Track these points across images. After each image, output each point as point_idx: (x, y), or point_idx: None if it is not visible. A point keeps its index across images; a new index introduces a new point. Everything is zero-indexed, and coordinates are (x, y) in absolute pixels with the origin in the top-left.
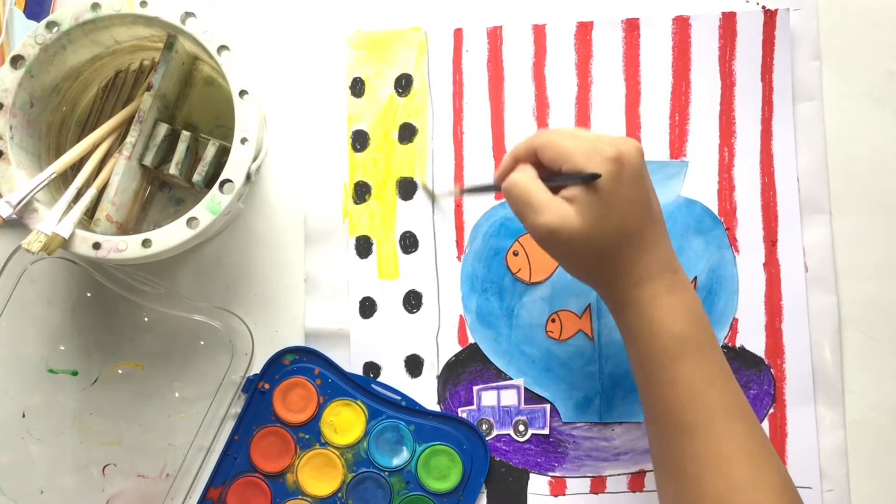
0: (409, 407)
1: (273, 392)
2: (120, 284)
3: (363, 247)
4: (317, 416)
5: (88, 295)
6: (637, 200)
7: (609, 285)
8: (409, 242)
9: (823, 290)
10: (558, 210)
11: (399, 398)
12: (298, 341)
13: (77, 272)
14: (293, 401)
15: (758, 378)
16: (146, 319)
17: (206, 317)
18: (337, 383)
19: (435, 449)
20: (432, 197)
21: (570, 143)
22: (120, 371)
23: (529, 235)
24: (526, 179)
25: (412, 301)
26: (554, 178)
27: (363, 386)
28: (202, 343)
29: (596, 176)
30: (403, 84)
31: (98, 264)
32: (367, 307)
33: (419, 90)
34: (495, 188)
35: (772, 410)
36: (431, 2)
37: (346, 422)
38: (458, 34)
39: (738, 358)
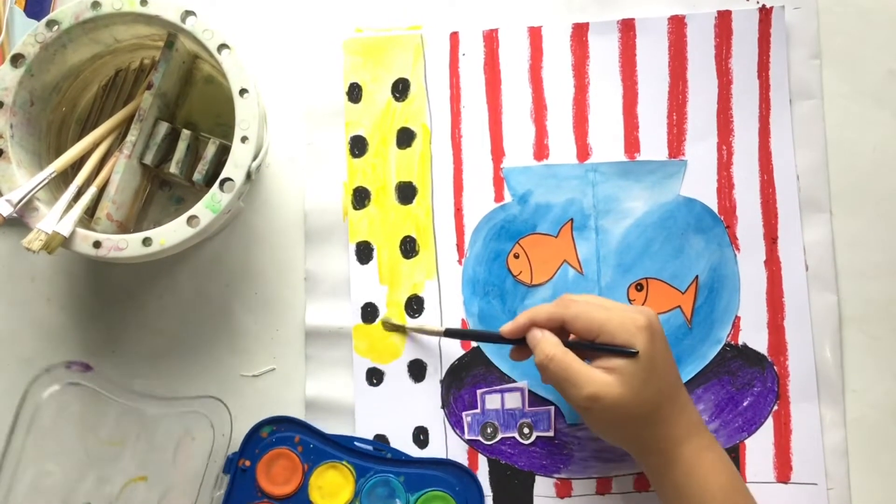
0: (396, 458)
1: (255, 468)
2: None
3: (363, 252)
4: (304, 485)
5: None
6: (669, 363)
7: (651, 447)
8: (409, 247)
9: (824, 290)
10: (601, 380)
11: (384, 451)
12: (299, 339)
13: (77, 271)
14: (277, 473)
15: (761, 375)
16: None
17: (182, 408)
18: (319, 447)
19: (428, 496)
20: (400, 330)
21: (603, 315)
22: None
23: (530, 238)
24: (561, 354)
25: (414, 306)
26: (586, 346)
27: (346, 445)
28: (184, 433)
29: (635, 353)
30: (400, 89)
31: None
32: (369, 313)
33: (416, 95)
34: (497, 339)
35: (776, 407)
36: (427, 6)
37: (334, 484)
38: (454, 38)
39: (741, 355)
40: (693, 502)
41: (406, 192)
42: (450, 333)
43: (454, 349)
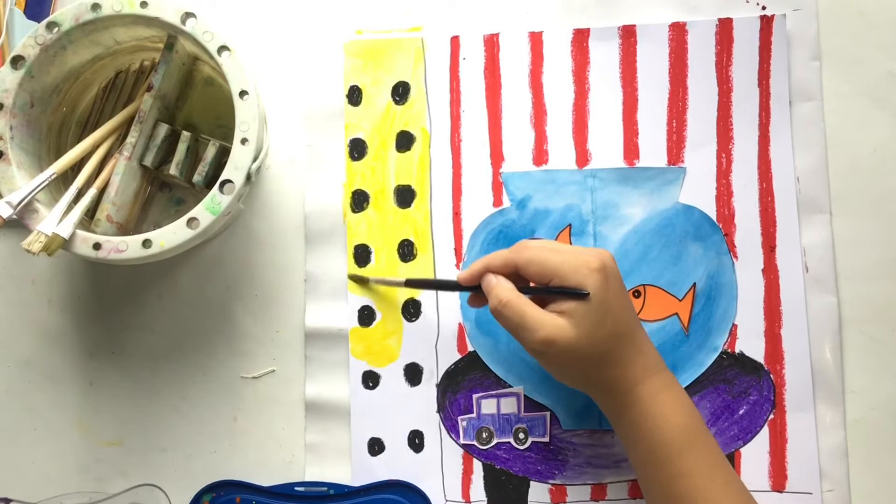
0: (339, 492)
1: None
2: None
3: (362, 255)
4: None
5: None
6: (624, 305)
7: (608, 389)
8: (407, 251)
9: (823, 291)
10: (553, 324)
11: (325, 489)
12: (298, 341)
13: (77, 273)
14: None
15: (757, 384)
16: None
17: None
18: (261, 502)
19: None
20: (364, 281)
21: (556, 259)
22: None
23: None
24: (514, 298)
25: (411, 309)
26: (538, 290)
27: (287, 493)
28: None
29: (586, 294)
30: (401, 92)
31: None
32: (367, 315)
33: (416, 98)
34: (453, 287)
35: (771, 416)
36: (428, 8)
37: None
38: (454, 42)
39: (738, 364)
40: (650, 442)
41: (405, 196)
42: (410, 283)
43: (451, 353)
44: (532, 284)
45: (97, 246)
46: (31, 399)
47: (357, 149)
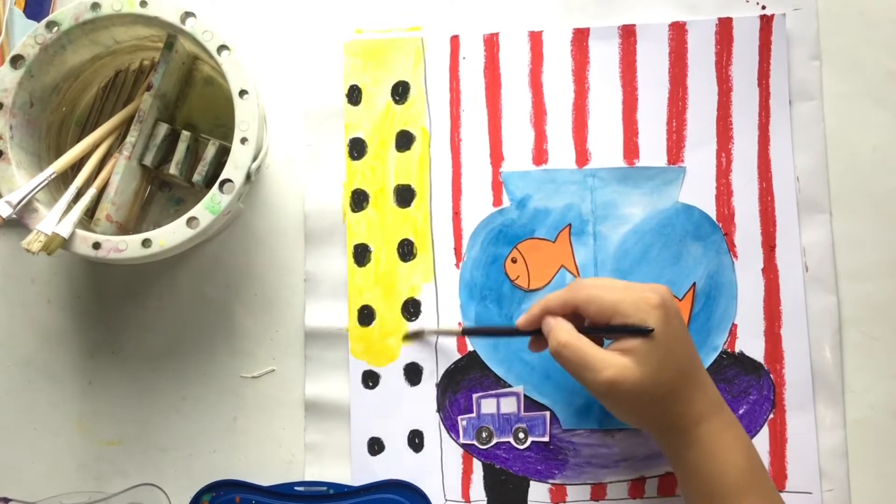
0: (339, 492)
1: None
2: None
3: (361, 255)
4: None
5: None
6: (685, 341)
7: (668, 427)
8: (407, 250)
9: (823, 290)
10: (618, 364)
11: (325, 489)
12: (298, 341)
13: (77, 272)
14: None
15: (757, 383)
16: None
17: (118, 502)
18: (261, 502)
19: None
20: (419, 335)
21: (614, 296)
22: None
23: (528, 243)
24: (574, 339)
25: (411, 309)
26: (601, 330)
27: (287, 493)
28: None
29: (650, 330)
30: (400, 92)
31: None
32: (366, 315)
33: (416, 98)
34: (513, 333)
35: (771, 416)
36: (428, 9)
37: None
38: (454, 41)
39: (738, 363)
40: (709, 483)
41: (404, 195)
42: (467, 332)
43: (450, 352)
44: (587, 324)
45: (97, 245)
46: (31, 399)
47: (357, 148)
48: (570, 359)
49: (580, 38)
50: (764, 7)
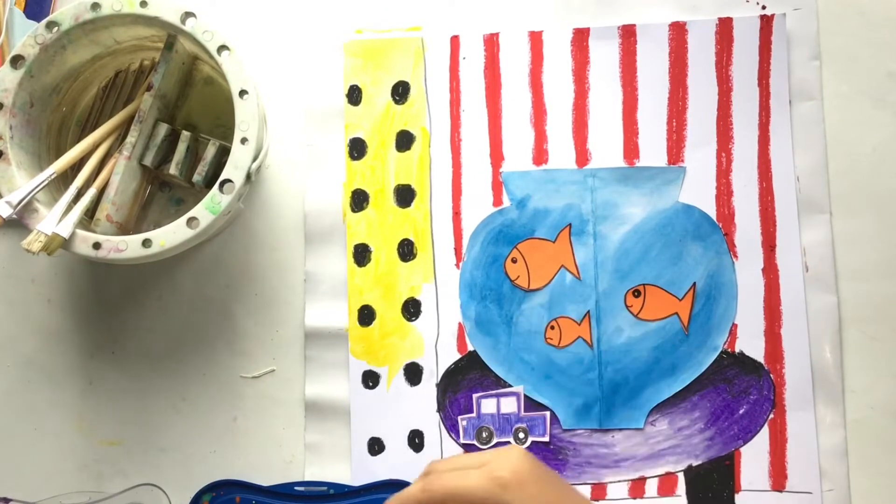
0: (339, 492)
1: None
2: None
3: (361, 255)
4: None
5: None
6: (548, 493)
7: None
8: (407, 250)
9: (823, 290)
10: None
11: (325, 489)
12: (298, 341)
13: (77, 272)
14: None
15: (757, 383)
16: None
17: (118, 502)
18: (261, 502)
19: None
20: None
21: (466, 484)
22: None
23: (528, 243)
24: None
25: (411, 309)
26: None
27: (287, 493)
28: None
29: None
30: (400, 92)
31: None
32: (366, 315)
33: (416, 98)
34: None
35: (771, 416)
36: (428, 9)
37: None
38: (454, 41)
39: (738, 363)
40: None
41: (404, 195)
42: None
43: (450, 353)
44: None
45: (97, 245)
46: (31, 399)
47: (357, 148)
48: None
49: (580, 38)
50: (764, 7)
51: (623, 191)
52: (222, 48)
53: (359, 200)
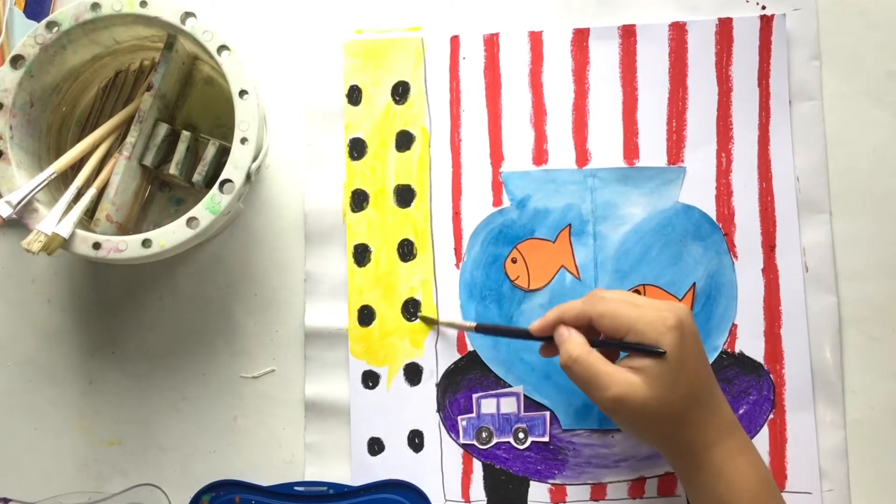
0: (339, 492)
1: None
2: None
3: (361, 255)
4: None
5: (88, 296)
6: (701, 363)
7: (680, 450)
8: (407, 250)
9: (823, 290)
10: (626, 381)
11: (325, 489)
12: (298, 341)
13: (77, 272)
14: None
15: (757, 383)
16: None
17: (118, 502)
18: (261, 502)
19: None
20: (434, 324)
21: (631, 313)
22: None
23: (528, 243)
24: (584, 354)
25: (411, 309)
26: (612, 345)
27: (286, 493)
28: None
29: (662, 353)
30: (400, 92)
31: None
32: (366, 315)
33: (416, 98)
34: (525, 336)
35: (771, 416)
36: (428, 9)
37: None
38: (454, 41)
39: (738, 363)
40: None
41: (404, 196)
42: (480, 329)
43: (450, 353)
44: (601, 337)
45: (97, 245)
46: (31, 399)
47: (357, 148)
48: (580, 374)
49: (580, 38)
50: (764, 7)
51: (623, 191)
52: (222, 48)
53: (359, 200)
